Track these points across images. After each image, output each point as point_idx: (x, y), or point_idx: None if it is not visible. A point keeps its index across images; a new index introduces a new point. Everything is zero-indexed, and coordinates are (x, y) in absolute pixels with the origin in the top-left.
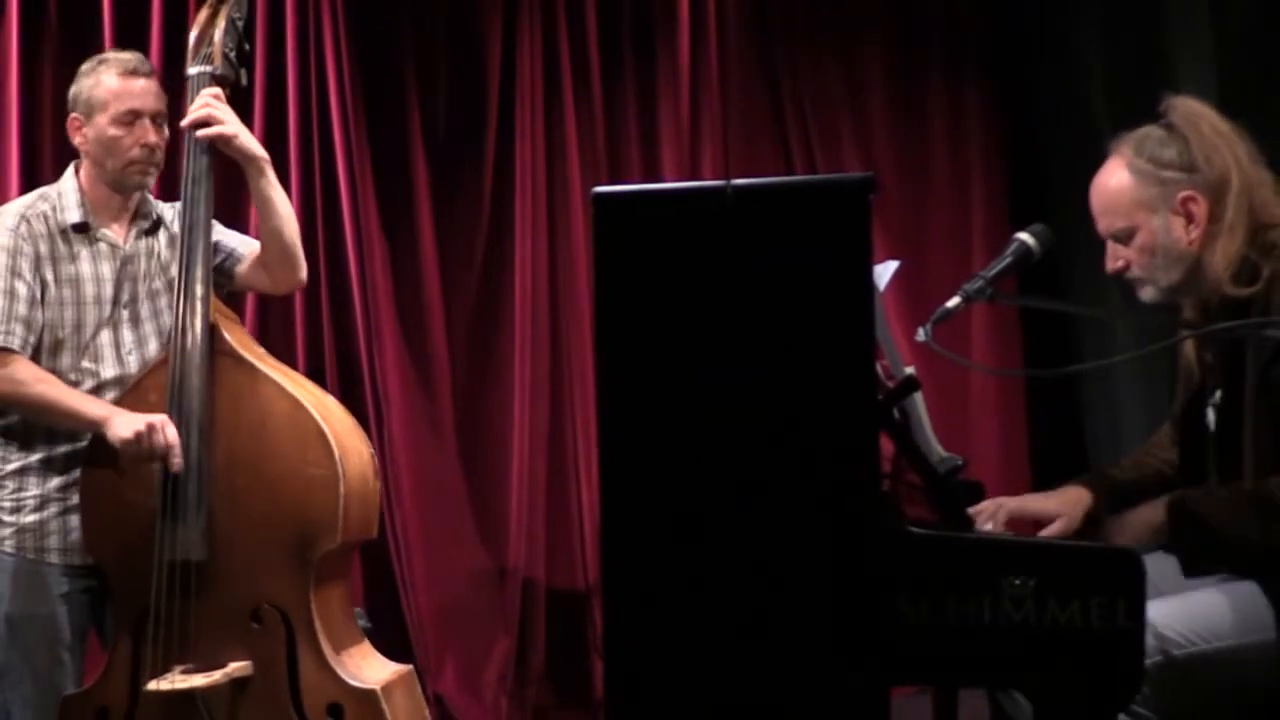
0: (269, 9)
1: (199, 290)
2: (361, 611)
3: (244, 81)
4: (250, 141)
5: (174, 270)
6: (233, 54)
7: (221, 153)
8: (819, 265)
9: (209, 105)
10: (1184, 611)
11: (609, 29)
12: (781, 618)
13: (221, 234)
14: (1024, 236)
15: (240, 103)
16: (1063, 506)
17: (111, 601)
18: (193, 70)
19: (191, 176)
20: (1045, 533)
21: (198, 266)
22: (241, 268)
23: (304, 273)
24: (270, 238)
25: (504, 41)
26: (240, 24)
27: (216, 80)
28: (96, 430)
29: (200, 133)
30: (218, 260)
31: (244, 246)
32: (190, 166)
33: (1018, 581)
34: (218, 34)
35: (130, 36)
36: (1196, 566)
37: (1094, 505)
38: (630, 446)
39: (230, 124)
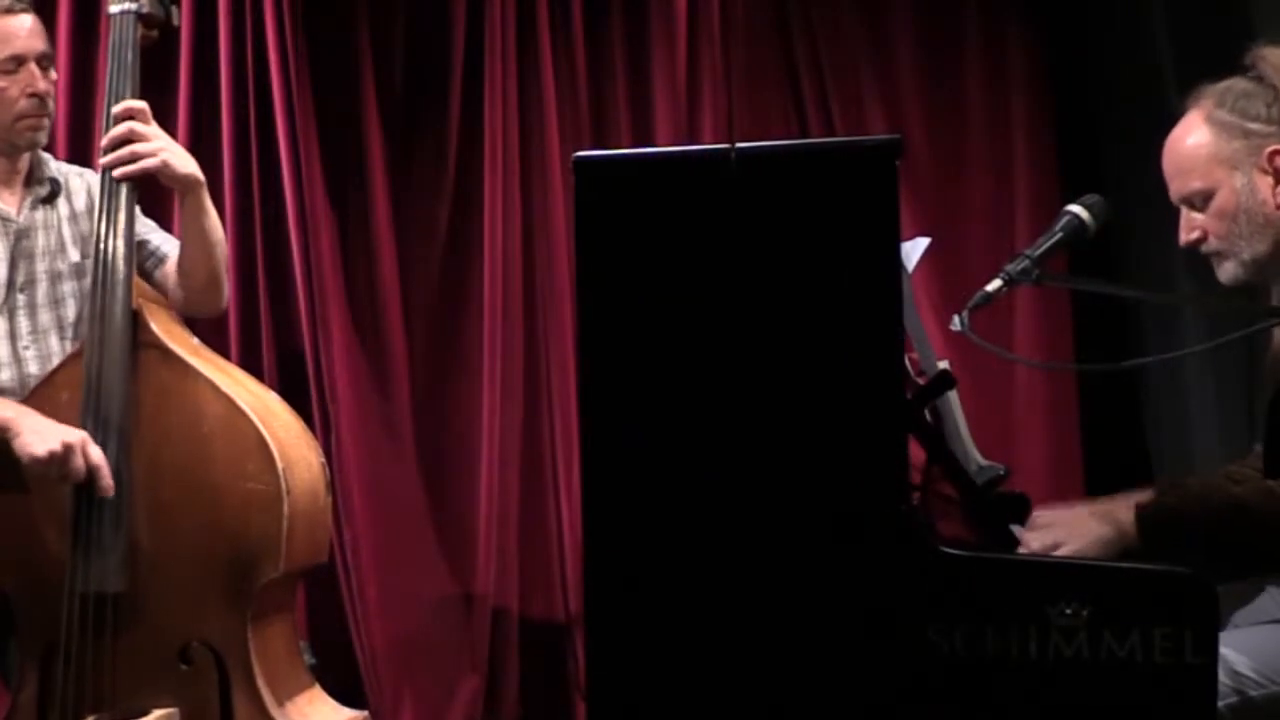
0: None
1: (121, 269)
2: (306, 645)
3: (175, 22)
4: (181, 164)
5: (75, 253)
6: None
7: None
8: (837, 242)
9: (129, 134)
10: (1261, 645)
11: None
12: (793, 652)
13: (143, 225)
14: (1075, 209)
15: (167, 49)
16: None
17: (15, 634)
18: (115, 8)
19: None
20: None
21: (119, 240)
22: (162, 271)
23: (225, 301)
24: (196, 265)
25: None
26: None
27: (143, 19)
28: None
29: (120, 171)
30: (137, 258)
31: (169, 246)
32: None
33: (1068, 610)
34: None
35: None
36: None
37: None
38: (617, 454)
39: (156, 154)
